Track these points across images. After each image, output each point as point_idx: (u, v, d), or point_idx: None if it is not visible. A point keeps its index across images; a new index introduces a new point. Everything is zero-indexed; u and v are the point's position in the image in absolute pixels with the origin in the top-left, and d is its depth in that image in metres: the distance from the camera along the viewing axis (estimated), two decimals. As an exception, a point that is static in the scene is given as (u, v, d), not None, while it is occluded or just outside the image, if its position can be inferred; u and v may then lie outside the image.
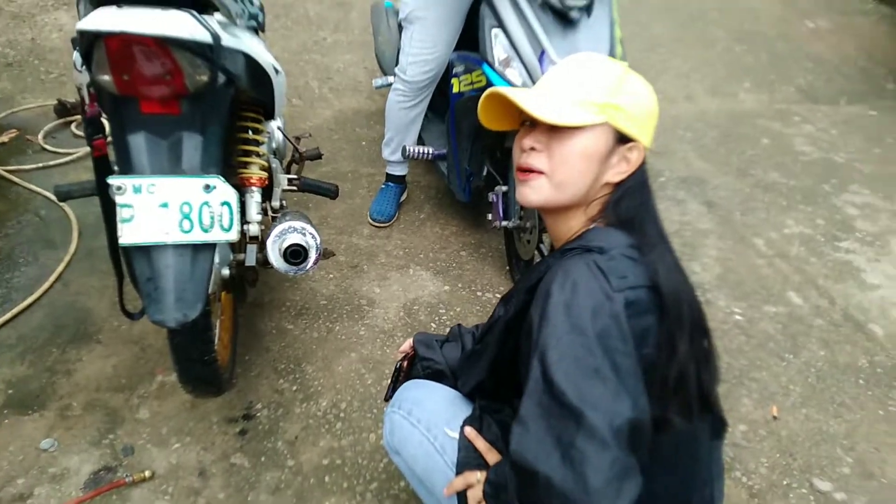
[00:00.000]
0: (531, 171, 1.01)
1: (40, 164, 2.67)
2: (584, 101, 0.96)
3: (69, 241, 2.28)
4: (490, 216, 2.23)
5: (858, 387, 2.01)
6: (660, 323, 0.89)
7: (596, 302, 0.84)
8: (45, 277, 2.11)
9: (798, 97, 4.15)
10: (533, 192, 1.01)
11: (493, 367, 1.10)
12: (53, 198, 2.17)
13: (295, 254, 1.43)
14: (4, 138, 2.80)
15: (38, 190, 2.52)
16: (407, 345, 1.40)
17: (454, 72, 2.20)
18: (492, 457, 1.08)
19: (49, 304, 2.04)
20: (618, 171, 0.99)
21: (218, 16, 1.31)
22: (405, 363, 1.38)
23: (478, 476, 1.05)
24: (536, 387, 0.84)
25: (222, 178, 1.27)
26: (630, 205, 0.99)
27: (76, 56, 1.23)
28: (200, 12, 1.23)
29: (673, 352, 0.89)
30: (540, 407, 0.83)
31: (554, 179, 0.99)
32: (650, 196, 1.01)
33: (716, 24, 4.89)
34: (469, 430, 1.13)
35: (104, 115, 1.30)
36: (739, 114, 3.85)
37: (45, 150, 2.80)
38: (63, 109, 2.99)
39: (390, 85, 2.45)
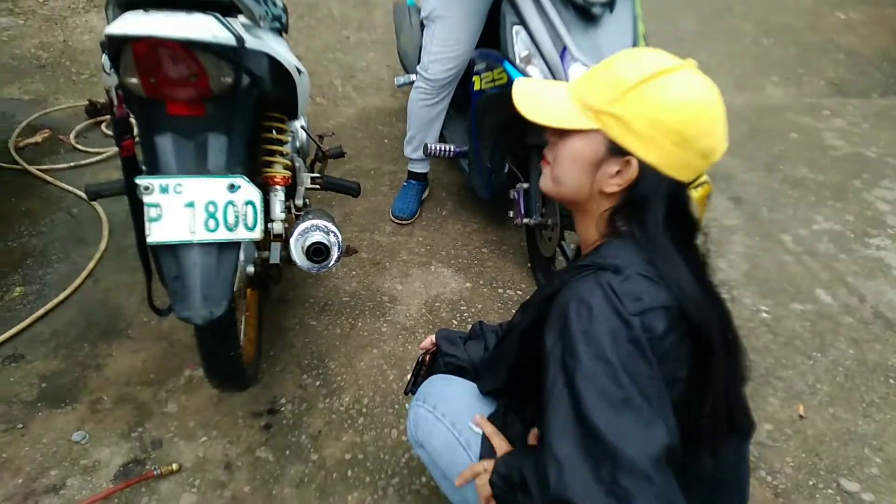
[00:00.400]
0: (545, 160, 1.04)
1: (72, 164, 2.74)
2: (585, 105, 0.96)
3: (100, 238, 2.34)
4: (511, 213, 2.23)
5: (888, 386, 1.97)
6: (680, 341, 0.87)
7: (613, 327, 0.83)
8: (77, 274, 2.17)
9: (828, 90, 4.06)
10: (542, 180, 1.06)
11: (511, 373, 1.11)
12: (84, 196, 2.23)
13: (317, 252, 1.45)
14: (38, 138, 2.88)
15: (70, 188, 2.58)
16: (429, 341, 1.40)
17: (476, 69, 2.20)
18: (497, 441, 1.10)
19: (81, 300, 2.10)
20: (611, 182, 0.95)
21: (242, 18, 1.33)
22: (427, 358, 1.39)
23: (485, 465, 1.06)
24: (568, 424, 0.83)
25: (246, 178, 1.29)
26: (627, 219, 0.95)
27: (105, 59, 1.27)
28: (225, 15, 1.25)
29: (706, 377, 0.88)
30: (575, 446, 0.82)
31: (553, 173, 1.02)
32: (654, 212, 0.92)
33: (742, 16, 4.81)
34: (477, 416, 1.16)
35: (132, 116, 1.33)
36: (767, 108, 3.78)
37: (76, 149, 2.86)
38: (94, 110, 3.06)
39: (412, 83, 2.46)
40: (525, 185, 2.17)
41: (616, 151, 0.93)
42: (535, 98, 1.02)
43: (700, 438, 0.90)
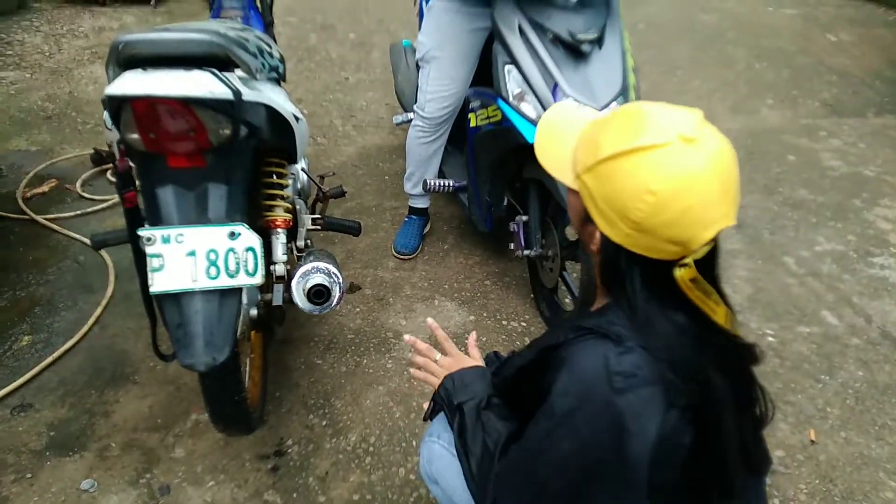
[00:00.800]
0: None
1: (78, 212, 2.78)
2: (573, 161, 0.95)
3: (106, 285, 2.36)
4: (512, 245, 2.25)
5: None
6: (683, 409, 0.84)
7: (595, 409, 0.84)
8: (84, 321, 2.19)
9: (823, 111, 4.09)
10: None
11: (502, 396, 1.12)
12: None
13: (318, 294, 1.47)
14: (45, 188, 2.93)
15: (77, 236, 2.61)
16: None
17: (471, 107, 2.25)
18: (448, 346, 1.26)
19: (88, 347, 2.11)
20: (591, 242, 0.94)
21: (239, 72, 1.37)
22: None
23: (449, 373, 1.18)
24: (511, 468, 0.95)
25: (246, 225, 1.32)
26: (606, 283, 0.95)
27: (106, 116, 1.30)
28: (222, 70, 1.28)
29: (713, 435, 0.86)
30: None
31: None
32: (629, 281, 0.89)
33: (734, 42, 4.89)
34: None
35: (134, 169, 1.36)
36: (763, 131, 3.81)
37: (82, 197, 2.91)
38: (99, 158, 3.11)
39: (410, 121, 2.50)
40: (524, 218, 2.19)
41: (589, 217, 0.91)
42: (552, 136, 1.03)
43: (712, 490, 0.89)
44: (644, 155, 0.82)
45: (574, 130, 0.99)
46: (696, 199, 0.81)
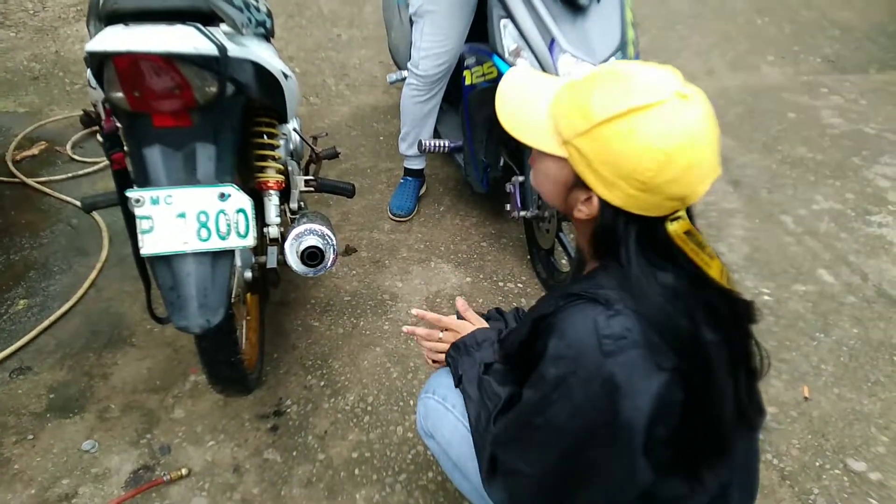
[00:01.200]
0: (532, 158, 1.01)
1: (69, 175, 2.75)
2: (557, 128, 0.90)
3: (100, 248, 2.35)
4: (508, 206, 2.23)
5: (893, 364, 1.97)
6: (673, 369, 0.85)
7: (586, 373, 0.85)
8: (80, 284, 2.18)
9: (825, 68, 4.03)
10: (531, 176, 1.03)
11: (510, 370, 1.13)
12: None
13: (312, 256, 1.46)
14: (34, 150, 2.89)
15: (69, 199, 2.59)
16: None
17: (466, 64, 2.19)
18: (447, 322, 1.27)
19: (84, 310, 2.11)
20: (580, 210, 0.92)
21: (224, 27, 1.33)
22: None
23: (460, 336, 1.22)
24: (510, 428, 0.97)
25: (236, 186, 1.30)
26: (603, 249, 0.93)
27: (89, 74, 1.27)
28: (206, 25, 1.25)
29: (704, 395, 0.87)
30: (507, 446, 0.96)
31: (535, 179, 1.01)
32: (623, 243, 0.89)
33: None
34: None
35: (121, 129, 1.33)
36: (763, 88, 3.76)
37: (73, 160, 2.87)
38: (88, 120, 3.06)
39: (405, 79, 2.45)
40: (521, 178, 2.17)
41: (582, 183, 0.89)
42: (517, 104, 0.98)
43: (706, 445, 0.90)
44: (645, 114, 0.81)
45: (540, 96, 0.96)
46: (698, 154, 0.82)
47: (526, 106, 0.96)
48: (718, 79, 3.87)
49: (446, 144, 2.43)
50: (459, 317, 1.30)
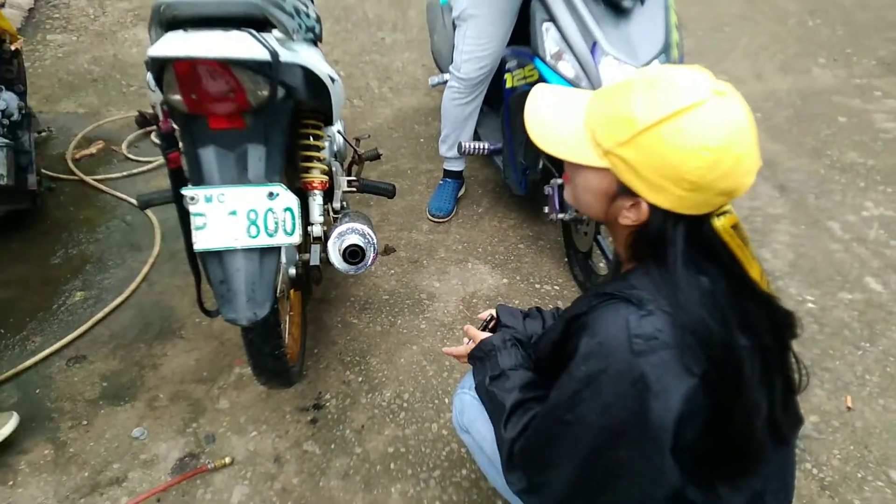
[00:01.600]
0: (566, 174, 1.03)
1: (125, 173, 2.88)
2: (595, 140, 0.92)
3: (153, 244, 2.46)
4: (546, 209, 2.24)
5: None
6: (703, 375, 0.86)
7: (617, 372, 0.86)
8: (133, 278, 2.29)
9: (879, 70, 3.91)
10: (565, 192, 1.06)
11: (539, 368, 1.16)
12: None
13: (353, 254, 1.51)
14: (92, 150, 3.03)
15: (124, 197, 2.72)
16: (488, 313, 1.40)
17: (507, 67, 2.22)
18: (472, 333, 1.29)
19: (136, 303, 2.22)
20: (626, 217, 0.93)
21: (276, 32, 1.39)
22: (492, 325, 1.39)
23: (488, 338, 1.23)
24: (536, 428, 1.00)
25: (284, 186, 1.36)
26: (644, 252, 0.95)
27: (149, 77, 1.35)
28: (260, 30, 1.31)
29: (731, 407, 0.88)
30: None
31: (572, 192, 1.03)
32: (671, 247, 0.89)
33: None
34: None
35: (177, 129, 1.41)
36: (813, 91, 3.68)
37: (128, 159, 3.01)
38: (143, 120, 3.16)
39: (446, 82, 2.49)
40: (559, 181, 2.18)
41: (627, 191, 0.91)
42: (548, 118, 1.00)
43: (734, 454, 0.91)
44: (688, 115, 0.83)
45: (570, 111, 0.97)
46: (744, 147, 0.84)
47: (558, 122, 0.98)
48: (767, 82, 3.80)
49: (486, 147, 2.46)
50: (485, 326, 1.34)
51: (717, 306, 0.88)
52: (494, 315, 1.37)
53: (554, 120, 0.99)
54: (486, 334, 1.27)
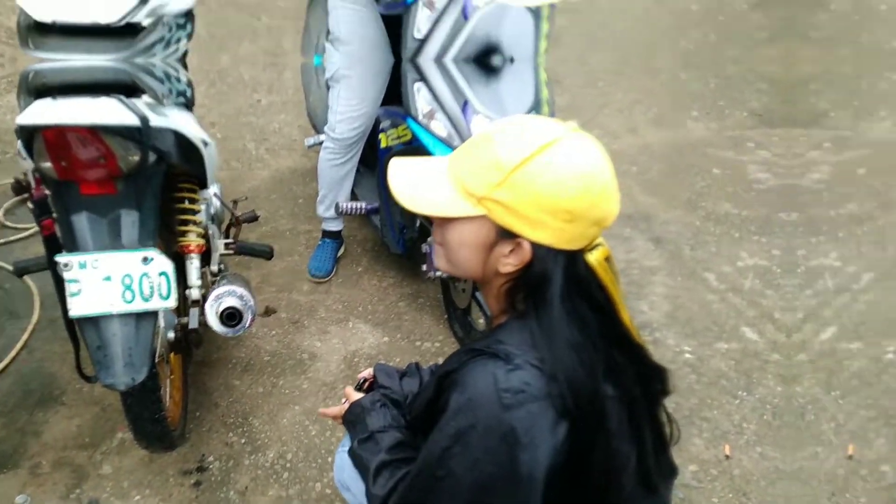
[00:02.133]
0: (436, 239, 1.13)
1: (2, 241, 2.98)
2: (466, 190, 1.01)
3: (32, 311, 2.57)
4: (425, 267, 2.37)
5: (817, 421, 2.13)
6: (573, 425, 0.95)
7: (489, 425, 0.94)
8: (12, 346, 2.40)
9: (752, 122, 4.27)
10: (436, 259, 1.16)
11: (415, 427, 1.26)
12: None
13: (231, 316, 1.70)
14: (-33, 217, 3.03)
15: (1, 264, 2.80)
16: (367, 372, 1.49)
17: (381, 127, 2.44)
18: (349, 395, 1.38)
19: (16, 370, 2.33)
20: (506, 263, 1.02)
21: (146, 98, 1.58)
22: (365, 386, 1.48)
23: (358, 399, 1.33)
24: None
25: (159, 251, 1.54)
26: (525, 296, 1.03)
27: (19, 145, 1.51)
28: (129, 96, 1.50)
29: (590, 458, 0.98)
30: None
31: (445, 255, 1.11)
32: (552, 287, 0.99)
33: (660, 50, 5.18)
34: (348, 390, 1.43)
35: (50, 196, 1.57)
36: (687, 144, 4.04)
37: (5, 226, 3.09)
38: (19, 187, 3.09)
39: (322, 143, 2.71)
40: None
41: (506, 234, 1.00)
42: (413, 183, 1.09)
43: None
44: (551, 150, 0.96)
45: (432, 171, 1.09)
46: (607, 175, 0.99)
47: (423, 183, 1.08)
48: (641, 136, 4.16)
49: (363, 207, 2.65)
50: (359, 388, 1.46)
51: (587, 353, 0.98)
52: (368, 376, 1.47)
53: (420, 183, 1.09)
54: (361, 395, 1.37)
